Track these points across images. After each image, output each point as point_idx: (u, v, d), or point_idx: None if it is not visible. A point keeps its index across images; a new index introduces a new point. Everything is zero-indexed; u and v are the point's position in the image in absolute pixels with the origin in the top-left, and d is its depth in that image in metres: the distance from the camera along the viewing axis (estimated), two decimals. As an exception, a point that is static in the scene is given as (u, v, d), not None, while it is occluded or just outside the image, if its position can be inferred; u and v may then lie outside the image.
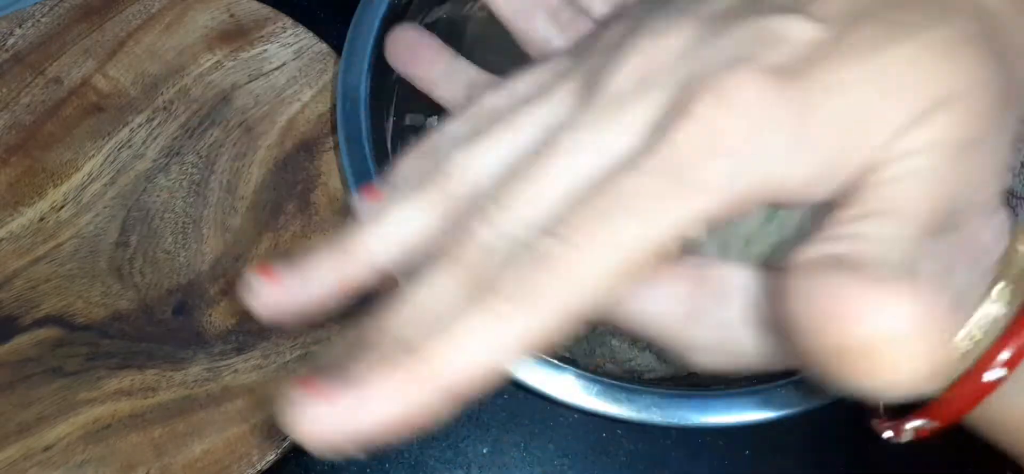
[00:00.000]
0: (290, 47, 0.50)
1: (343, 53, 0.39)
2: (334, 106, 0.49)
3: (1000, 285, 0.24)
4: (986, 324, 0.24)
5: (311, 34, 0.50)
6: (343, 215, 0.46)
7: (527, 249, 0.18)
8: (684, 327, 0.22)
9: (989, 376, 0.23)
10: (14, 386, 0.42)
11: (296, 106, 0.49)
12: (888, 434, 0.27)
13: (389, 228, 0.21)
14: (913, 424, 0.26)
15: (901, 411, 0.26)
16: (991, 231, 0.24)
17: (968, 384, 0.24)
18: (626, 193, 0.18)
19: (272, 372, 0.42)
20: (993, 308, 0.24)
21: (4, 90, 0.48)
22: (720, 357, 0.22)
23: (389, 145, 0.40)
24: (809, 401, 0.35)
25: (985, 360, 0.23)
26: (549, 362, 0.35)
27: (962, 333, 0.24)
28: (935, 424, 0.25)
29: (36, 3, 0.50)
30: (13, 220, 0.46)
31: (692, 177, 0.18)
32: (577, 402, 0.35)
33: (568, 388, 0.35)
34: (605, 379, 0.35)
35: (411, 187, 0.21)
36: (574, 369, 0.35)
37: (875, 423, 0.28)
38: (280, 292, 0.21)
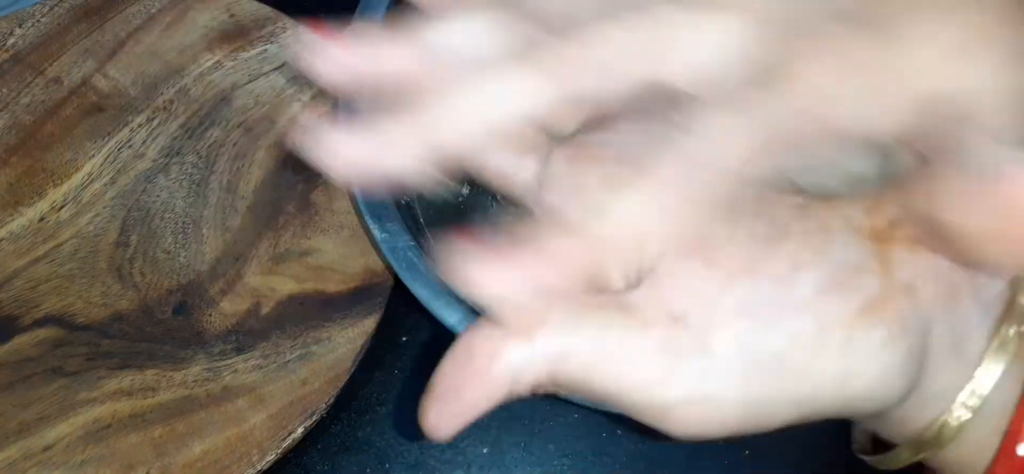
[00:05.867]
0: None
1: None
2: (335, 104, 0.48)
3: (1008, 330, 0.22)
4: (984, 391, 0.22)
5: (311, 34, 0.50)
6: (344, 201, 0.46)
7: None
8: (660, 383, 0.20)
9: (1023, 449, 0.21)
10: (14, 386, 0.42)
11: (296, 106, 0.49)
12: None
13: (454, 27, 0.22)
14: None
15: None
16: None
17: (1004, 463, 0.22)
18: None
19: (272, 372, 0.42)
20: (994, 367, 0.22)
21: (4, 90, 0.48)
22: (701, 411, 0.20)
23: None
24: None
25: (1013, 434, 0.21)
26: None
27: (961, 397, 0.22)
28: None
29: (36, 3, 0.50)
30: (13, 220, 0.46)
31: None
32: (578, 401, 0.35)
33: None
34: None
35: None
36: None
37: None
38: (342, 52, 0.22)
